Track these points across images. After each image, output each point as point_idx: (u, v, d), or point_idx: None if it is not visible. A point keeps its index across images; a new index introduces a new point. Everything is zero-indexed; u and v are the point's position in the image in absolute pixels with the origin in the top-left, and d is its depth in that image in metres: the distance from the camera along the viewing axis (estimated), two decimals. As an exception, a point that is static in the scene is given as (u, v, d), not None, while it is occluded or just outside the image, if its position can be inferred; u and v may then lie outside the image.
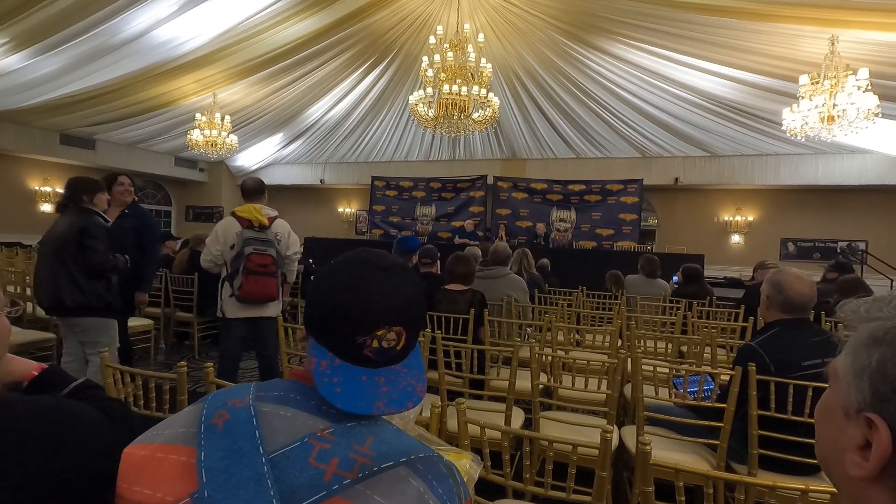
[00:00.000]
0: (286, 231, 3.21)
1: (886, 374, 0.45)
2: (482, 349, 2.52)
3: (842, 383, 0.50)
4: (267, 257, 3.01)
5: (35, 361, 1.03)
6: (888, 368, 0.45)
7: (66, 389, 1.02)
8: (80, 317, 2.89)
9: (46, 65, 6.77)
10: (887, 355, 0.46)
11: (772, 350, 1.95)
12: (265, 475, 0.57)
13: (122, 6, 5.58)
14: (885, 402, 0.45)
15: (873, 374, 0.47)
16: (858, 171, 9.54)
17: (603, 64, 7.95)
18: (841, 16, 5.29)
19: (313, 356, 0.70)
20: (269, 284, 3.02)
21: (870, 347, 0.47)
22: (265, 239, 3.04)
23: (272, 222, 3.12)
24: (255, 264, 2.99)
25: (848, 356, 0.50)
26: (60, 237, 2.83)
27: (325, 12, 6.65)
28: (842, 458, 0.49)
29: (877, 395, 0.46)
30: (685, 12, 5.95)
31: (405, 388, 0.69)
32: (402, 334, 0.70)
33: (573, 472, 1.35)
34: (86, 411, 0.84)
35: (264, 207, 3.14)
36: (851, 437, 0.48)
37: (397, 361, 0.71)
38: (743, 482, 1.19)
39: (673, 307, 4.40)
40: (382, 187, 12.14)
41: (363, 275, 0.72)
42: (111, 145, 11.18)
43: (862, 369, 0.48)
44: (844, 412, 0.50)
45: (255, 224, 3.04)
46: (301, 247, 3.61)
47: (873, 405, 0.46)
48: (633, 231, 10.10)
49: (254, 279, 3.00)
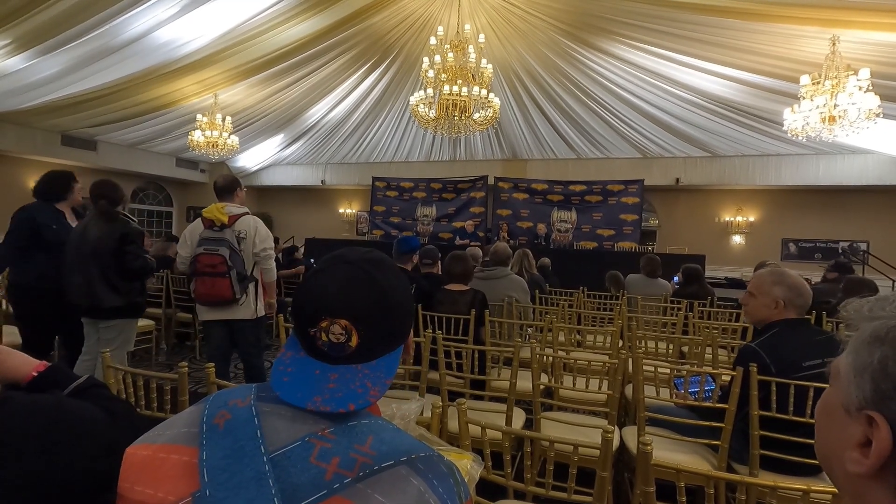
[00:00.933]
0: (252, 227, 3.04)
1: (888, 372, 0.46)
2: (483, 350, 2.52)
3: (843, 381, 0.51)
4: (216, 257, 2.88)
5: (36, 359, 1.02)
6: (890, 366, 0.46)
7: (69, 388, 1.01)
8: (114, 318, 2.94)
9: (48, 66, 6.78)
10: (889, 353, 0.46)
11: (772, 351, 1.95)
12: (266, 474, 0.57)
13: (123, 8, 5.59)
14: (886, 400, 0.46)
15: (875, 371, 0.47)
16: (859, 172, 9.53)
17: (604, 64, 7.95)
18: (842, 16, 5.29)
19: (285, 347, 0.73)
20: (218, 285, 2.89)
21: (872, 346, 0.48)
22: (218, 238, 2.92)
23: (235, 220, 2.99)
24: (202, 265, 2.91)
25: (850, 354, 0.51)
26: (97, 242, 2.86)
27: (326, 13, 6.66)
28: (842, 456, 0.50)
29: (878, 393, 0.47)
30: (686, 13, 5.95)
31: (355, 389, 0.67)
32: (350, 329, 0.68)
33: (574, 473, 1.35)
34: (87, 410, 0.83)
35: (228, 205, 3.02)
36: (852, 434, 0.49)
37: (357, 361, 0.69)
38: (744, 482, 1.19)
39: (674, 308, 4.40)
40: (383, 188, 12.15)
41: (322, 267, 0.74)
42: (113, 146, 11.20)
43: (864, 367, 0.48)
44: (845, 410, 0.50)
45: (215, 223, 2.96)
46: (290, 244, 3.59)
47: (874, 403, 0.47)
48: (634, 231, 10.09)
49: (201, 280, 2.92)
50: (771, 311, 2.09)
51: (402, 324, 0.75)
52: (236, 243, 2.95)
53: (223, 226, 2.95)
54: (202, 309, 3.05)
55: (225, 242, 2.91)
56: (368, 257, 0.74)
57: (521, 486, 1.44)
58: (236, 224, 2.99)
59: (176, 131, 10.61)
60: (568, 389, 2.41)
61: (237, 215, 3.01)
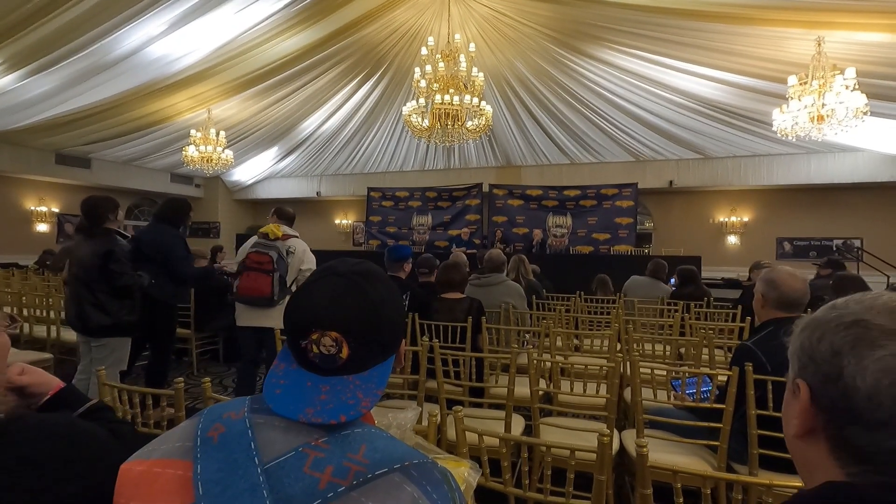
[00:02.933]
0: (302, 248, 3.40)
1: (804, 349, 0.59)
2: (480, 357, 2.52)
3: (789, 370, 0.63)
4: (265, 255, 3.18)
5: (58, 379, 1.06)
6: (805, 345, 0.59)
7: (80, 410, 1.04)
8: (103, 337, 2.97)
9: (41, 84, 6.80)
10: (806, 336, 0.59)
11: (767, 349, 1.96)
12: (261, 485, 0.57)
13: (114, 25, 5.62)
14: (804, 369, 0.58)
15: (798, 351, 0.60)
16: (850, 169, 9.61)
17: (594, 70, 8.03)
18: (826, 18, 5.37)
19: (278, 359, 0.74)
20: (261, 280, 3.14)
21: (800, 334, 0.61)
22: (269, 244, 3.23)
23: (287, 238, 3.34)
24: (251, 261, 3.19)
25: (790, 345, 0.63)
26: (84, 260, 2.88)
27: (317, 27, 6.72)
28: (787, 427, 0.61)
29: (801, 366, 0.59)
30: (673, 18, 6.03)
31: (346, 400, 0.67)
32: (340, 341, 0.68)
33: (572, 478, 1.36)
34: (97, 432, 0.85)
35: (285, 227, 3.40)
36: (793, 406, 0.60)
37: (348, 372, 0.70)
38: (740, 481, 1.20)
39: (671, 309, 4.41)
40: (378, 198, 12.17)
41: (313, 279, 0.75)
42: (107, 163, 11.20)
43: (793, 352, 0.62)
44: (789, 391, 0.62)
45: (269, 236, 3.26)
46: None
47: (800, 373, 0.59)
48: (630, 235, 10.13)
49: (247, 275, 3.18)
50: (759, 308, 2.12)
51: (393, 335, 0.75)
52: (285, 255, 3.27)
53: (276, 239, 3.28)
54: (241, 311, 3.30)
55: (275, 249, 3.24)
56: (358, 269, 0.75)
57: (519, 493, 1.44)
58: (289, 241, 3.36)
59: (170, 147, 10.63)
60: (566, 394, 2.41)
61: (290, 235, 3.40)
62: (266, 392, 0.68)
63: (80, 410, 1.03)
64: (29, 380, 1.00)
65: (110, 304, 2.91)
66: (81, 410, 1.04)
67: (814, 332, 0.58)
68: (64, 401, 1.04)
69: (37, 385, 1.02)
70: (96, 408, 1.07)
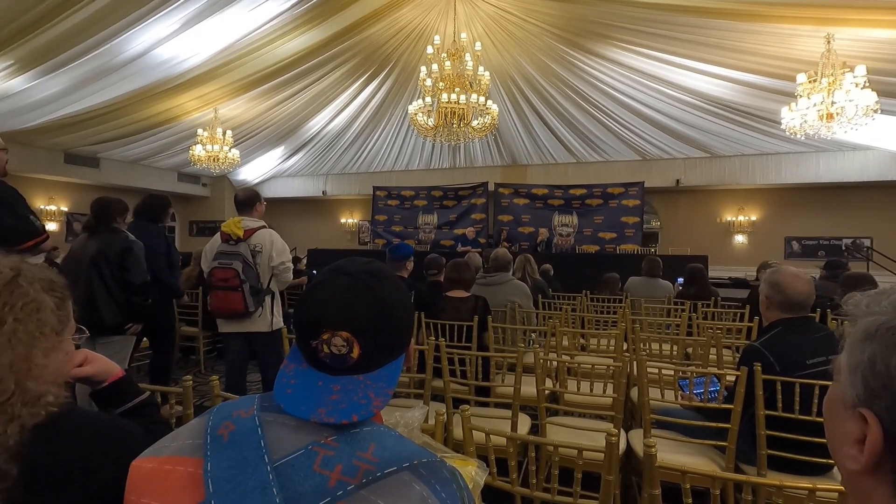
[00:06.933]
0: (268, 241, 3.09)
1: (876, 370, 0.46)
2: (487, 356, 2.52)
3: (842, 378, 0.51)
4: (229, 271, 2.94)
5: (118, 366, 1.10)
6: (878, 364, 0.46)
7: (132, 403, 1.08)
8: (113, 335, 2.93)
9: (50, 86, 6.86)
10: (878, 351, 0.46)
11: (776, 349, 1.94)
12: (270, 483, 0.58)
13: (122, 27, 5.65)
14: (875, 398, 0.46)
15: (865, 369, 0.47)
16: (860, 168, 9.51)
17: (600, 68, 7.98)
18: (836, 14, 5.31)
19: (287, 359, 0.74)
20: (231, 298, 2.94)
21: (863, 343, 0.48)
22: (232, 252, 2.99)
23: (251, 234, 3.05)
24: (216, 279, 2.98)
25: (846, 351, 0.51)
26: (97, 257, 2.86)
27: (323, 27, 6.73)
28: (841, 452, 0.50)
29: (868, 390, 0.47)
30: (681, 15, 5.98)
31: (358, 400, 0.67)
32: (351, 341, 0.68)
33: (579, 477, 1.35)
34: (133, 431, 0.89)
35: (246, 219, 3.09)
36: (850, 430, 0.49)
37: (358, 371, 0.70)
38: (749, 482, 1.19)
39: (678, 309, 4.39)
40: (384, 197, 12.18)
41: (322, 279, 0.75)
42: (115, 163, 11.28)
43: (856, 365, 0.49)
44: (843, 407, 0.51)
45: (232, 237, 3.02)
46: (293, 255, 3.64)
47: (866, 400, 0.47)
48: (636, 234, 10.07)
49: (215, 294, 2.99)
50: (765, 310, 2.11)
51: (402, 334, 0.75)
52: (251, 257, 3.01)
53: (239, 240, 3.02)
54: (220, 321, 3.14)
55: (239, 256, 2.97)
56: (368, 269, 0.75)
57: (526, 492, 1.44)
58: (252, 238, 3.05)
59: (177, 146, 10.69)
60: (573, 394, 2.40)
61: (253, 229, 3.07)
62: (276, 391, 0.69)
63: (128, 405, 1.07)
64: (91, 370, 1.04)
65: (124, 301, 2.92)
66: (131, 404, 1.07)
67: (892, 352, 0.46)
68: (121, 390, 1.08)
69: (98, 374, 1.05)
70: (145, 402, 1.10)
